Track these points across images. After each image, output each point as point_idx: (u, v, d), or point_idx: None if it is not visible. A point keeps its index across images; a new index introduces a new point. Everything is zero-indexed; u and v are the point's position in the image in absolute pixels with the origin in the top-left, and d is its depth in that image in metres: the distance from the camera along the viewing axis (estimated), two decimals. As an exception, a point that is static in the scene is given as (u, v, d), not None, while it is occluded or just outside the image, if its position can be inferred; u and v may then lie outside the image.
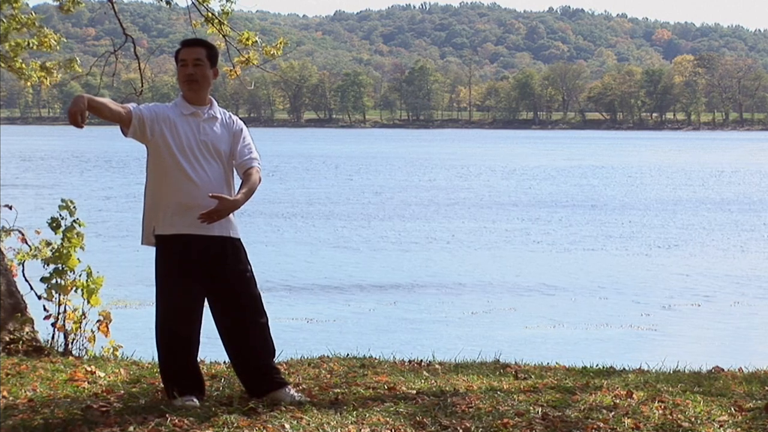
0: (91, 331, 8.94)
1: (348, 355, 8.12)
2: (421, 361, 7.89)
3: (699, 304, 19.79)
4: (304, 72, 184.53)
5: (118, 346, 8.91)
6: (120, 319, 10.27)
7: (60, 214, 8.99)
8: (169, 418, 5.61)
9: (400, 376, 7.00)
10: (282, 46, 11.18)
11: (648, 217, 36.28)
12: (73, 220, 9.01)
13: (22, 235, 9.38)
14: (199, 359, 6.46)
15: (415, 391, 6.44)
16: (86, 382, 6.72)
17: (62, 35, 12.03)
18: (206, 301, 6.13)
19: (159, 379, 6.38)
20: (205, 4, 10.78)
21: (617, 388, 6.63)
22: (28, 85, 11.99)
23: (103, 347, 8.92)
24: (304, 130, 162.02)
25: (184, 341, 6.06)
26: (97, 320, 9.00)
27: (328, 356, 8.03)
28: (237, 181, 6.22)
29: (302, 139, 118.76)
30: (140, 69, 11.15)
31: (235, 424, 5.56)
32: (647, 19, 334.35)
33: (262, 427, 5.52)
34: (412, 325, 17.60)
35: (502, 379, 7.08)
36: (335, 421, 5.66)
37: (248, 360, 6.15)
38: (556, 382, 6.87)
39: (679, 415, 5.91)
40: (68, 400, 6.19)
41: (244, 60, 10.99)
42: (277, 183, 50.10)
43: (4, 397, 6.28)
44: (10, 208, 9.69)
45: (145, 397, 6.20)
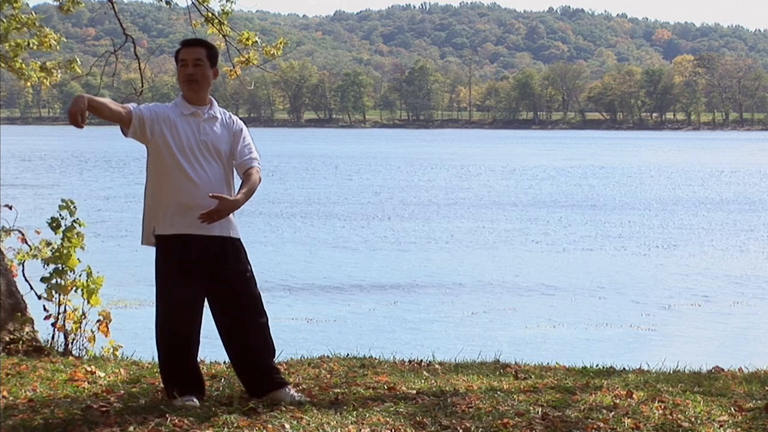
0: (91, 331, 8.94)
1: (348, 355, 8.12)
2: (421, 361, 7.89)
3: (699, 304, 19.79)
4: (304, 72, 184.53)
5: (118, 346, 8.91)
6: (120, 319, 10.28)
7: (60, 214, 8.99)
8: (169, 418, 5.61)
9: (400, 376, 7.00)
10: (282, 46, 11.18)
11: (648, 217, 36.28)
12: (73, 220, 9.01)
13: (22, 235, 9.37)
14: (199, 359, 6.46)
15: (415, 391, 6.44)
16: (86, 382, 6.72)
17: (62, 35, 12.02)
18: (206, 301, 6.13)
19: (159, 379, 6.38)
20: (205, 4, 10.78)
21: (617, 388, 6.63)
22: (28, 85, 11.98)
23: (103, 347, 8.92)
24: (304, 130, 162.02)
25: (184, 341, 6.06)
26: (97, 320, 9.00)
27: (328, 356, 8.03)
28: (237, 181, 6.22)
29: (302, 139, 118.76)
30: (140, 69, 11.15)
31: (235, 424, 5.56)
32: (647, 19, 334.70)
33: (262, 427, 5.52)
34: (412, 325, 17.60)
35: (502, 379, 7.08)
36: (335, 421, 5.66)
37: (248, 360, 6.14)
38: (556, 382, 6.87)
39: (679, 415, 5.91)
40: (68, 400, 6.18)
41: (244, 60, 10.99)
42: (277, 183, 50.11)
43: (4, 397, 6.28)
44: (10, 208, 9.69)
45: (145, 397, 6.20)
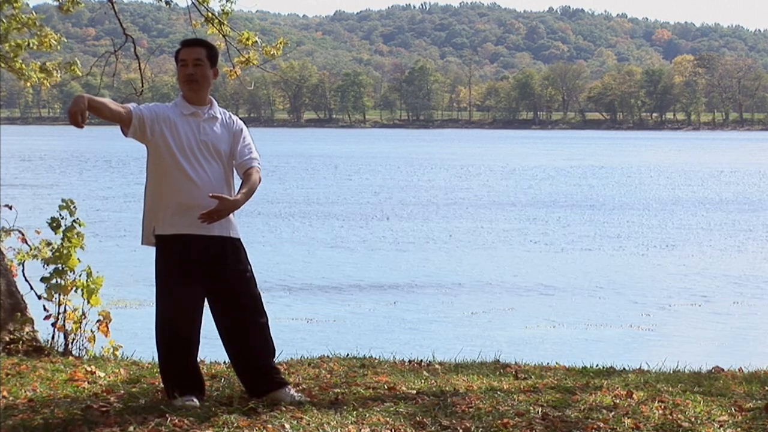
0: (91, 331, 8.94)
1: (348, 355, 8.12)
2: (421, 361, 7.89)
3: (699, 304, 19.79)
4: (304, 72, 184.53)
5: (118, 346, 8.91)
6: (120, 319, 10.28)
7: (60, 214, 8.99)
8: (169, 418, 5.61)
9: (400, 376, 7.00)
10: (282, 46, 11.17)
11: (647, 217, 36.28)
12: (73, 220, 9.01)
13: (22, 235, 9.37)
14: (199, 359, 6.47)
15: (415, 391, 6.45)
16: (86, 382, 6.73)
17: (62, 35, 12.02)
18: (206, 301, 6.13)
19: (159, 379, 6.38)
20: (205, 4, 10.78)
21: (617, 388, 6.63)
22: (28, 86, 11.98)
23: (103, 347, 8.92)
24: (304, 130, 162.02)
25: (184, 341, 6.06)
26: (97, 320, 9.00)
27: (328, 356, 8.03)
28: (237, 181, 6.22)
29: (302, 139, 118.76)
30: (140, 69, 11.15)
31: (235, 424, 5.56)
32: (647, 19, 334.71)
33: (262, 427, 5.52)
34: (412, 325, 17.60)
35: (502, 379, 7.09)
36: (335, 421, 5.66)
37: (248, 360, 6.15)
38: (556, 382, 6.87)
39: (679, 415, 5.91)
40: (68, 400, 6.19)
41: (244, 60, 10.99)
42: (277, 183, 50.10)
43: (4, 397, 6.28)
44: (10, 208, 9.69)
45: (145, 397, 6.20)
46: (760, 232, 31.79)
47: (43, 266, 8.97)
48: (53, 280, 8.88)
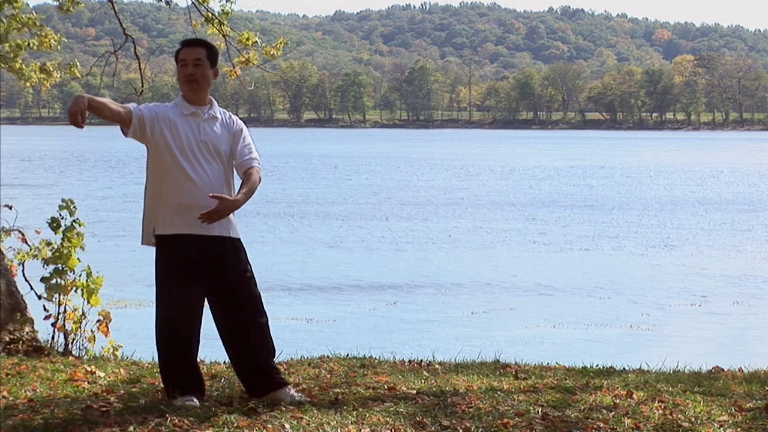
0: (91, 331, 8.94)
1: (348, 355, 8.12)
2: (421, 361, 7.89)
3: (698, 304, 19.79)
4: (304, 72, 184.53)
5: (118, 346, 8.91)
6: (120, 319, 10.27)
7: (60, 214, 8.99)
8: (169, 418, 5.61)
9: (400, 376, 7.00)
10: (282, 46, 11.17)
11: (647, 217, 36.28)
12: (73, 220, 9.01)
13: (22, 235, 9.37)
14: (199, 359, 6.47)
15: (415, 391, 6.45)
16: (86, 382, 6.73)
17: (62, 35, 12.02)
18: (206, 301, 6.13)
19: (159, 379, 6.38)
20: (205, 4, 10.78)
21: (617, 388, 6.63)
22: (28, 86, 11.98)
23: (103, 347, 8.92)
24: (304, 130, 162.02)
25: (184, 341, 6.06)
26: (97, 320, 9.00)
27: (328, 356, 8.03)
28: (237, 181, 6.22)
29: (302, 139, 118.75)
30: (140, 69, 11.15)
31: (235, 424, 5.56)
32: (647, 19, 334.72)
33: (262, 427, 5.52)
34: (411, 325, 17.60)
35: (502, 379, 7.09)
36: (335, 421, 5.66)
37: (248, 360, 6.15)
38: (556, 382, 6.87)
39: (679, 415, 5.91)
40: (68, 400, 6.19)
41: (244, 60, 10.99)
42: (276, 183, 50.10)
43: (4, 397, 6.28)
44: (10, 208, 9.69)
45: (145, 397, 6.20)
46: (759, 232, 31.79)
47: (43, 266, 8.97)
48: (53, 280, 8.88)
